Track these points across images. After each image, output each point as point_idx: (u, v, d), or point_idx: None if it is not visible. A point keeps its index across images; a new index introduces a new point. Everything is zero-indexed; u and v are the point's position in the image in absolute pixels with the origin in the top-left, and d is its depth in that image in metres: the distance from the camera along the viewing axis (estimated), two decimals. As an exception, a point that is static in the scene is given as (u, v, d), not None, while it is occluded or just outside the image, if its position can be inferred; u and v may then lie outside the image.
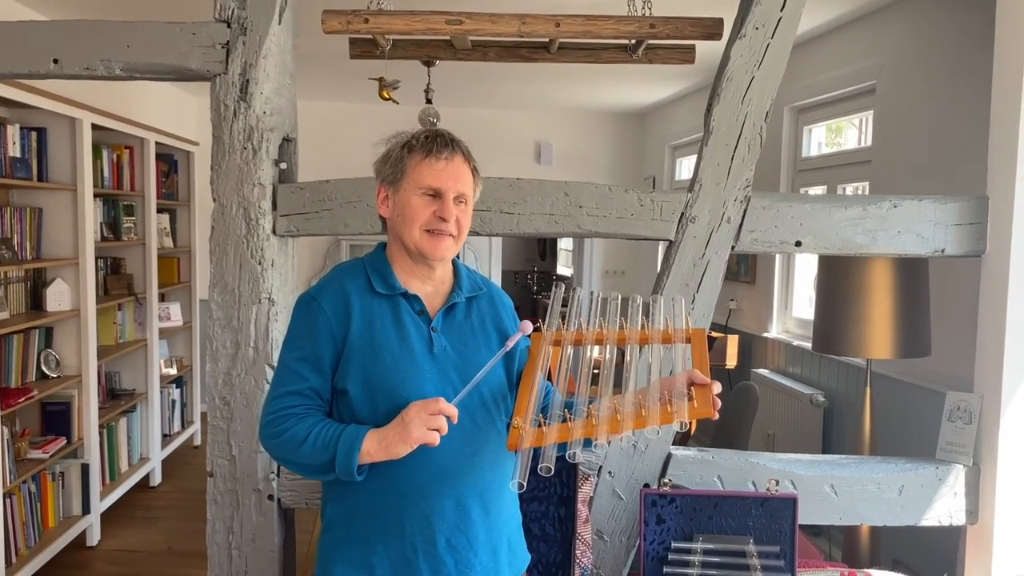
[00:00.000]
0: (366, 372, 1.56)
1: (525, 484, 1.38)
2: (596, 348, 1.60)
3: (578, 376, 1.53)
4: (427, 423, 1.43)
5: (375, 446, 1.46)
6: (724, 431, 3.82)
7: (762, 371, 4.61)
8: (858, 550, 3.04)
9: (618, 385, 1.53)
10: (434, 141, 1.59)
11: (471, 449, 1.58)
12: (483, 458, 1.59)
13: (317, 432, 1.51)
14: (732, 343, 4.87)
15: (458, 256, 1.72)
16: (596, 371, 1.59)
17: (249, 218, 2.41)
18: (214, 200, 2.42)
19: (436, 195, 1.59)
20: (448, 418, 1.45)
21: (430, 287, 1.67)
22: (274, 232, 2.44)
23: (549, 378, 1.67)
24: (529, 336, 1.66)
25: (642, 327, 1.58)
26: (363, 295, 1.61)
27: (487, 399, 1.59)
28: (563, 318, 1.66)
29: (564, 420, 1.44)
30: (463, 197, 1.62)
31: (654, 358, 1.54)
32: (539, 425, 1.43)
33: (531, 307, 10.70)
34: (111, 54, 2.38)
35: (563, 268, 10.62)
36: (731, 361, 4.86)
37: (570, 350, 1.61)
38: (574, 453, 1.38)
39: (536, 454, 1.40)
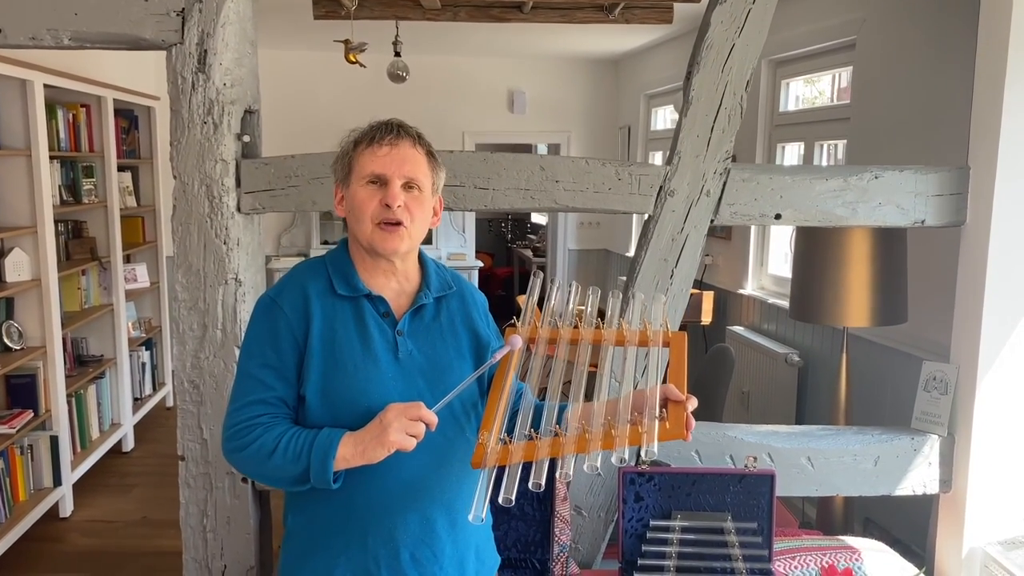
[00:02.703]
0: (326, 380, 1.48)
1: (485, 517, 1.31)
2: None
3: (551, 379, 1.47)
4: (406, 428, 1.35)
5: (351, 451, 1.38)
6: (700, 393, 3.82)
7: (737, 328, 4.61)
8: (832, 510, 3.09)
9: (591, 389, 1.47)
10: (378, 129, 1.50)
11: (437, 462, 1.50)
12: (450, 470, 1.52)
13: (287, 441, 1.42)
14: (707, 299, 4.86)
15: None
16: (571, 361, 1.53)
17: (212, 196, 2.31)
18: (175, 177, 2.32)
19: (381, 182, 1.48)
20: (426, 426, 1.38)
21: (395, 284, 1.57)
22: (239, 210, 2.35)
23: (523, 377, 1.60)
24: (503, 336, 1.58)
25: (619, 327, 1.52)
26: (324, 297, 1.52)
27: (456, 409, 1.51)
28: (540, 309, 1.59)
29: (531, 438, 1.37)
30: (413, 183, 1.50)
31: (628, 365, 1.47)
32: (505, 442, 1.36)
33: (506, 255, 10.64)
34: (58, 23, 2.24)
35: (538, 217, 10.53)
36: (706, 318, 4.86)
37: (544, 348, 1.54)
38: (567, 473, 1.32)
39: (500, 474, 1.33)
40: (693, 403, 1.40)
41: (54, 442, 3.82)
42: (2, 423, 3.50)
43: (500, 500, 1.30)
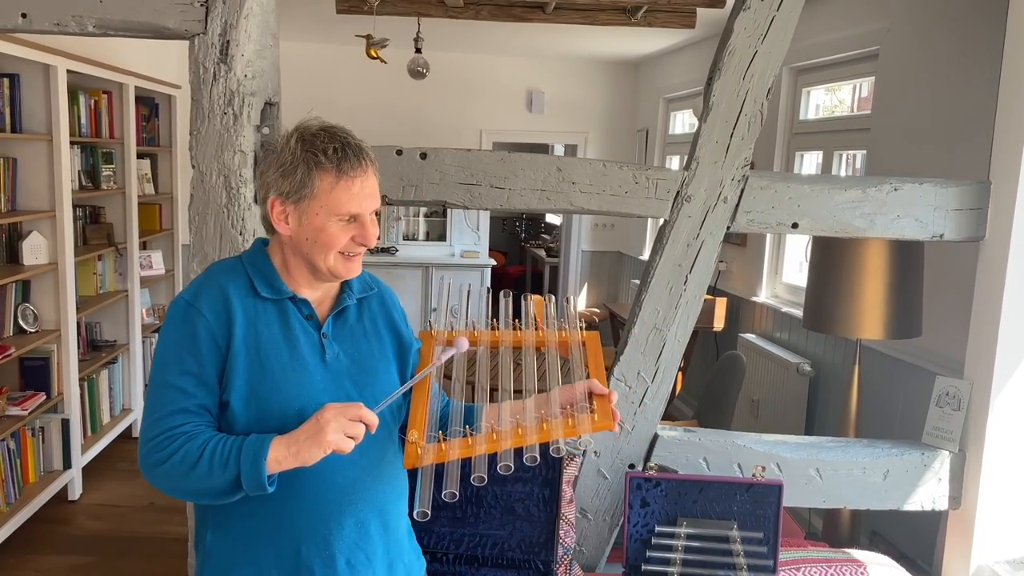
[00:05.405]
0: (252, 385, 1.41)
1: (430, 512, 1.30)
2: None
3: (477, 380, 1.49)
4: (345, 428, 1.30)
5: (284, 452, 1.32)
6: (710, 399, 3.82)
7: (749, 336, 4.59)
8: (839, 522, 3.07)
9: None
10: (344, 157, 1.42)
11: (367, 463, 1.46)
12: (380, 472, 1.49)
13: (213, 447, 1.34)
14: (719, 306, 4.84)
15: None
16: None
17: (230, 186, 2.32)
18: (193, 167, 2.33)
19: (353, 219, 1.45)
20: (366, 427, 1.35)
21: (320, 292, 1.53)
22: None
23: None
24: (419, 338, 1.59)
25: (538, 329, 1.55)
26: (245, 298, 1.45)
27: (384, 411, 1.43)
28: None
29: (465, 435, 1.37)
30: (375, 210, 1.48)
31: (550, 363, 1.52)
32: (438, 441, 1.36)
33: (519, 255, 10.64)
34: (82, 9, 2.25)
35: (552, 217, 10.52)
36: (718, 324, 4.85)
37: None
38: (507, 465, 1.34)
39: (440, 472, 1.34)
40: (615, 397, 1.45)
41: (65, 425, 3.85)
42: (15, 405, 3.53)
43: (444, 496, 1.31)
